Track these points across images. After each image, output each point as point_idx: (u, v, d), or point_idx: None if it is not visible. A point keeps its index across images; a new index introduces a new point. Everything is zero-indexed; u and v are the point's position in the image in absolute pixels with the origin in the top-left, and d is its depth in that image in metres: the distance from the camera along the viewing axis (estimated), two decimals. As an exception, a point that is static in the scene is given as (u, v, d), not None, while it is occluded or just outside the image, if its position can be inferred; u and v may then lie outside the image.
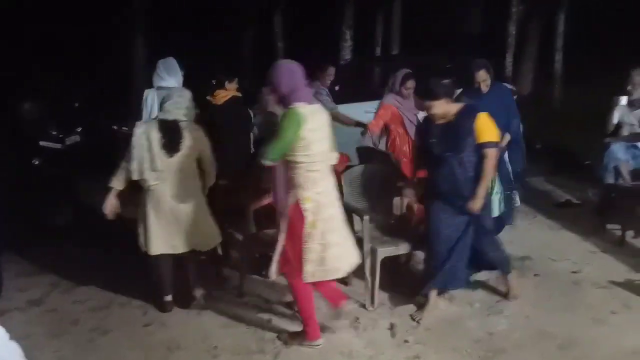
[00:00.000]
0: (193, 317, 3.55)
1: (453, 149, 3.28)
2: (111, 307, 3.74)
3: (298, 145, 2.84)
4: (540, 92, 10.29)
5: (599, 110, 5.29)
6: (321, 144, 2.92)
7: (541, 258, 4.24)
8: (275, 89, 2.94)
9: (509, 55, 10.18)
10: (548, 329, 3.31)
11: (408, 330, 3.33)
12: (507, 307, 3.54)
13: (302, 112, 2.86)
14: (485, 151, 3.28)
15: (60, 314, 3.69)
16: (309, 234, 2.93)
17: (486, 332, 3.30)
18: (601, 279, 3.88)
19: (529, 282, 3.90)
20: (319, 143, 2.90)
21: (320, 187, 2.94)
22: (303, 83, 2.94)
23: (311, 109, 2.92)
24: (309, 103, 2.93)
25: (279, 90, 2.93)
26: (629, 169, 4.81)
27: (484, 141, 3.28)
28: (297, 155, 2.87)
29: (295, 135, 2.82)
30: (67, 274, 4.18)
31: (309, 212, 2.91)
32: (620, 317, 3.42)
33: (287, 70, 2.95)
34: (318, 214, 2.92)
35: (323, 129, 2.95)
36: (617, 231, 4.59)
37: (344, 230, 3.10)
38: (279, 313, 3.55)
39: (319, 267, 2.97)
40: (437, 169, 3.37)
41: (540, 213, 5.21)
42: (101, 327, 3.51)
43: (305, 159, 2.88)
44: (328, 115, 3.09)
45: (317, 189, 2.92)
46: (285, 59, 3.80)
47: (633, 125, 4.91)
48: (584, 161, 6.34)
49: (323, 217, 2.94)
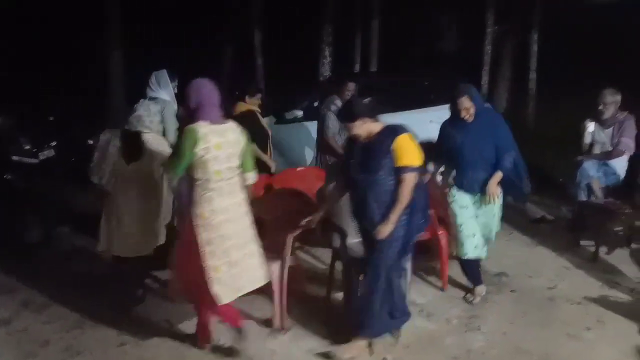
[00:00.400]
0: (168, 337, 3.48)
1: (366, 171, 3.09)
2: (84, 326, 3.63)
3: (195, 162, 2.90)
4: (515, 111, 10.50)
5: (572, 128, 5.42)
6: (219, 163, 2.95)
7: (517, 274, 4.29)
8: (187, 104, 3.04)
9: (485, 74, 10.39)
10: (525, 345, 3.33)
11: (386, 348, 3.31)
12: (484, 324, 3.56)
13: (200, 130, 2.91)
14: (401, 176, 3.03)
15: (31, 335, 3.57)
16: (210, 253, 2.93)
17: (464, 350, 3.31)
18: (575, 295, 3.94)
19: (506, 298, 3.94)
20: (217, 162, 2.93)
21: (215, 205, 2.94)
22: (210, 102, 2.99)
23: (213, 128, 2.95)
24: (213, 122, 2.96)
25: (189, 106, 3.02)
26: (601, 186, 4.92)
27: (402, 165, 3.03)
28: (194, 171, 2.94)
29: (191, 152, 2.88)
30: (39, 293, 4.07)
31: (201, 229, 2.93)
32: (594, 332, 3.47)
33: (196, 87, 3.02)
34: (212, 232, 2.93)
35: (225, 148, 2.97)
36: (591, 247, 4.68)
37: (252, 247, 3.11)
38: (256, 330, 3.50)
39: (230, 286, 2.98)
40: (353, 191, 3.21)
41: (516, 229, 5.28)
42: (73, 347, 3.40)
43: (202, 176, 2.93)
44: (240, 135, 3.08)
45: (212, 207, 2.94)
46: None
47: (604, 144, 5.04)
48: (557, 178, 6.46)
49: (221, 235, 2.95)
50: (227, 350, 3.22)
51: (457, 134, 3.65)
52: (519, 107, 10.53)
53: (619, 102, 4.98)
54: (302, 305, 3.77)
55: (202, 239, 2.93)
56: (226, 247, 2.96)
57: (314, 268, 4.38)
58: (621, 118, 4.97)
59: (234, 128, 3.08)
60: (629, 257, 4.61)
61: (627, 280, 4.18)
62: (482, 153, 3.62)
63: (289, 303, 3.56)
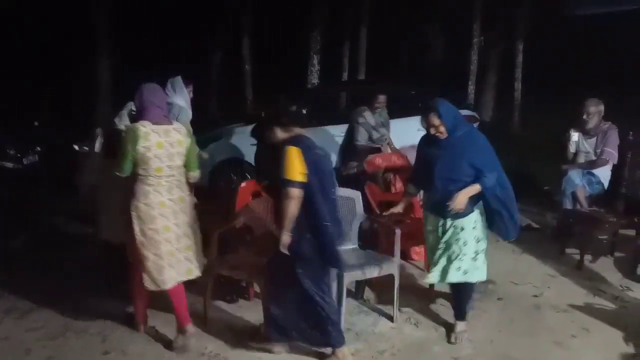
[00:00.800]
0: (153, 345, 3.43)
1: (275, 180, 3.05)
2: (67, 334, 3.57)
3: (137, 159, 3.13)
4: (500, 119, 10.63)
5: (557, 137, 5.49)
6: (160, 161, 3.15)
7: (503, 282, 4.31)
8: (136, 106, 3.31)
9: (471, 83, 10.52)
10: (512, 353, 3.35)
11: (374, 356, 3.31)
12: (472, 332, 3.56)
13: (141, 129, 3.11)
14: (283, 189, 2.97)
15: (13, 343, 3.50)
16: (141, 243, 3.16)
17: (452, 357, 3.32)
18: (561, 303, 3.97)
19: (493, 305, 3.96)
20: (157, 160, 3.14)
21: (151, 199, 3.17)
22: (153, 104, 3.18)
23: (155, 128, 3.14)
24: (155, 122, 3.16)
25: (136, 107, 3.28)
26: (585, 195, 4.99)
27: (282, 178, 2.96)
28: (137, 168, 3.16)
29: (133, 150, 3.10)
30: (21, 300, 3.99)
31: (135, 221, 3.16)
32: (580, 340, 3.50)
33: (141, 90, 3.24)
34: (145, 224, 3.16)
35: (167, 147, 3.17)
36: (576, 255, 4.73)
37: (186, 242, 3.29)
38: (242, 341, 3.46)
39: (154, 277, 3.20)
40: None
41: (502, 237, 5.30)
42: (56, 356, 3.34)
43: (143, 172, 3.16)
44: (185, 137, 3.26)
45: (147, 201, 3.16)
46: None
47: (588, 153, 5.11)
48: (543, 186, 6.54)
49: (154, 228, 3.17)
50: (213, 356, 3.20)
51: (428, 151, 3.45)
52: (504, 115, 10.66)
53: (602, 112, 5.06)
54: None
55: (136, 230, 3.16)
56: (156, 240, 3.18)
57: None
58: (605, 128, 5.04)
59: (178, 129, 3.27)
60: (612, 265, 4.67)
61: (612, 288, 4.23)
62: (452, 174, 3.31)
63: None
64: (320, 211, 3.02)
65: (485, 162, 3.33)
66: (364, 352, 3.34)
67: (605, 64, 10.25)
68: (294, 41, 11.63)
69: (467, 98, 10.15)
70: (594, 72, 9.71)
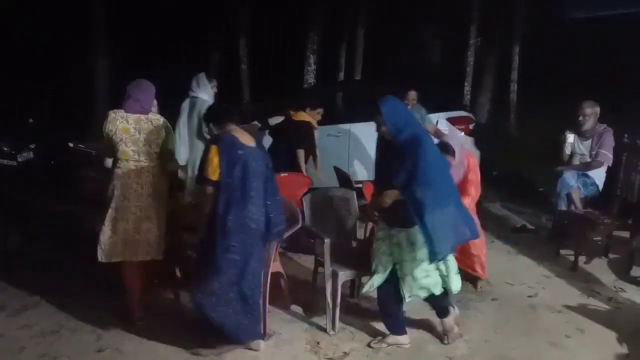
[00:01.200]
0: (147, 343, 3.42)
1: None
2: (61, 331, 3.55)
3: (110, 142, 3.43)
4: (496, 121, 10.65)
5: (552, 139, 5.51)
6: (125, 145, 3.41)
7: (499, 282, 4.32)
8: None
9: (468, 85, 10.53)
10: (507, 353, 3.36)
11: (369, 355, 3.31)
12: (467, 331, 3.57)
13: (110, 115, 3.43)
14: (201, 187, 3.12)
15: (6, 340, 3.48)
16: (107, 216, 3.43)
17: (447, 357, 3.32)
18: (556, 303, 3.98)
19: (488, 306, 3.97)
20: (122, 144, 3.40)
21: (117, 180, 3.43)
22: (132, 96, 3.45)
23: (125, 115, 3.42)
24: (128, 111, 3.43)
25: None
26: (580, 197, 5.00)
27: (200, 175, 3.10)
28: (114, 152, 3.46)
29: (105, 133, 3.42)
30: (15, 297, 3.97)
31: (108, 199, 3.44)
32: (574, 340, 3.51)
33: (131, 84, 3.53)
34: (110, 202, 3.43)
35: (134, 134, 3.41)
36: (570, 256, 4.74)
37: (147, 225, 3.46)
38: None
39: (105, 251, 3.43)
40: None
41: (497, 238, 5.33)
42: (50, 353, 3.32)
43: (115, 155, 3.46)
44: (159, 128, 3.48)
45: (114, 181, 3.44)
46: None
47: (583, 155, 5.14)
48: (538, 188, 6.56)
49: (114, 207, 3.43)
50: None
51: (378, 152, 3.37)
52: (500, 117, 10.69)
53: (597, 114, 5.08)
54: (286, 311, 3.76)
55: (105, 205, 3.45)
56: (113, 217, 3.43)
57: (296, 275, 4.36)
58: (600, 130, 5.06)
59: (153, 120, 3.49)
60: (607, 267, 4.69)
61: (606, 290, 4.24)
62: (389, 179, 3.04)
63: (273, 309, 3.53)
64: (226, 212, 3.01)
65: (420, 176, 2.93)
66: (359, 351, 3.34)
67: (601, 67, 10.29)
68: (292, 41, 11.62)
69: (464, 99, 10.17)
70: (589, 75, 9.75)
